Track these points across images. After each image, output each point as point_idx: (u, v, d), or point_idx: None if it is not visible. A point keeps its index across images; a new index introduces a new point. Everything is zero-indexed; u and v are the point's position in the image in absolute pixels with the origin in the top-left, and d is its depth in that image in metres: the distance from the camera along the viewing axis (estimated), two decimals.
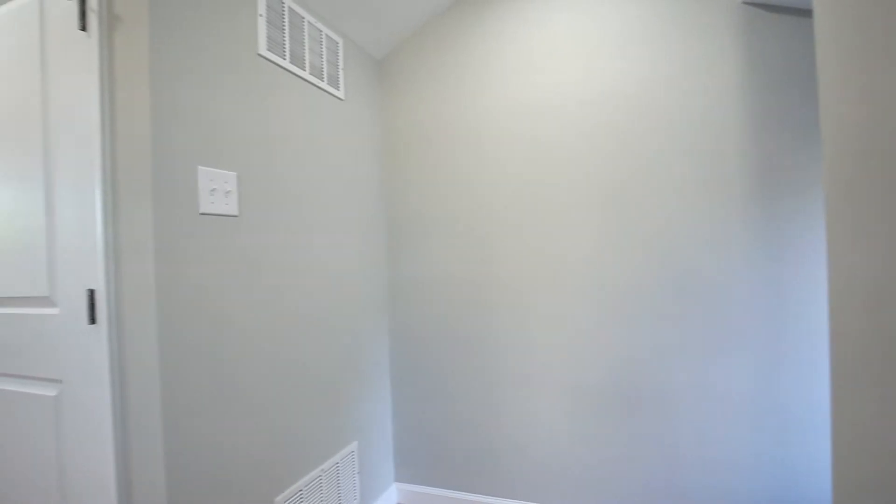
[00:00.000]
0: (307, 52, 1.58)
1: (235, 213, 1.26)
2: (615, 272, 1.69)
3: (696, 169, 1.60)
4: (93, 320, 1.12)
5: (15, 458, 1.27)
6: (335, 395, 1.67)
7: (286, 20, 1.48)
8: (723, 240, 1.57)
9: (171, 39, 1.11)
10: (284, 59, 1.47)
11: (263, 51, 1.38)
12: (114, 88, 1.10)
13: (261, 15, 1.38)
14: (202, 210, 1.16)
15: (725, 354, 1.57)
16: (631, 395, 1.68)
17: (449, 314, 1.94)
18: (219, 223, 1.22)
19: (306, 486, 1.49)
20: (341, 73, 1.76)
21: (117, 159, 1.10)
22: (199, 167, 1.16)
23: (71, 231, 1.15)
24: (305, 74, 1.56)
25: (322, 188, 1.64)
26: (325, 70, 1.67)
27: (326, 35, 1.68)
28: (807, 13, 1.49)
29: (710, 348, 1.59)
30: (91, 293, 1.12)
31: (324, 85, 1.65)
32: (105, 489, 1.11)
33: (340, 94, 1.75)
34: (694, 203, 1.60)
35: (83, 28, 1.12)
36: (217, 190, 1.20)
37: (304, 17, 1.56)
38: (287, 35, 1.49)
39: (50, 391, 1.21)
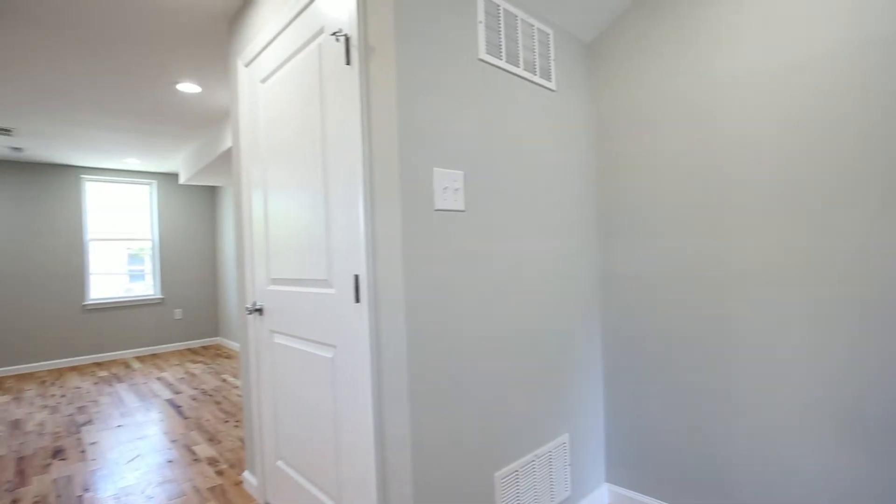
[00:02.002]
0: (521, 48, 1.62)
1: (462, 208, 1.39)
2: None
3: None
4: (357, 299, 1.38)
5: (311, 399, 1.66)
6: (548, 386, 1.69)
7: (501, 22, 1.55)
8: None
9: (410, 59, 1.28)
10: (501, 59, 1.54)
11: (483, 55, 1.47)
12: (370, 109, 1.33)
13: (480, 22, 1.48)
14: (437, 206, 1.31)
15: None
16: None
17: (671, 313, 1.76)
18: (449, 217, 1.36)
19: (521, 467, 1.56)
20: (552, 63, 1.76)
21: (373, 167, 1.32)
22: (434, 168, 1.31)
23: (341, 227, 1.44)
24: (519, 71, 1.61)
25: (537, 181, 1.67)
26: (536, 63, 1.69)
27: (538, 29, 1.69)
28: None
29: None
30: (356, 278, 1.38)
31: (536, 78, 1.68)
32: (365, 434, 1.37)
33: (552, 84, 1.75)
34: None
35: (348, 62, 1.38)
36: (448, 188, 1.34)
37: (517, 16, 1.61)
38: (503, 36, 1.55)
39: (329, 354, 1.54)
